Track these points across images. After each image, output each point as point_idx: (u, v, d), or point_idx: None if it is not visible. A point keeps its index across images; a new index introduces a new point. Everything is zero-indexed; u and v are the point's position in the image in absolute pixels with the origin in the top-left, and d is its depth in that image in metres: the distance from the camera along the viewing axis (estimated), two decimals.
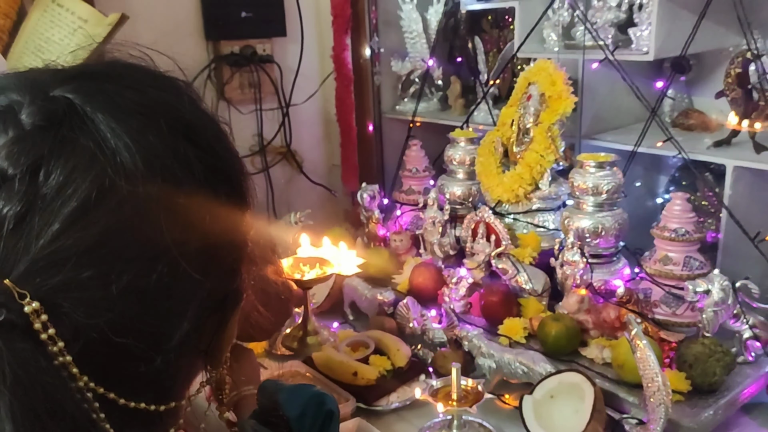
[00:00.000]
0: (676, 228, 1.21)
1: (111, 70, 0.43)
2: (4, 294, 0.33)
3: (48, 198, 0.35)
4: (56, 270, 0.34)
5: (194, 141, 0.41)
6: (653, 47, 1.38)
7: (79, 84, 0.39)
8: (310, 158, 2.13)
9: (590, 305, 1.22)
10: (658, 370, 0.97)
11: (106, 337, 0.36)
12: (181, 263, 0.39)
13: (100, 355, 0.37)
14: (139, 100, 0.40)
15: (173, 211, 0.39)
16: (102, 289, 0.36)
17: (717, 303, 1.10)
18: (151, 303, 0.38)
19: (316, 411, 0.56)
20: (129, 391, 0.39)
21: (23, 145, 0.35)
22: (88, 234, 0.35)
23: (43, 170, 0.35)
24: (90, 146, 0.36)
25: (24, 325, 0.33)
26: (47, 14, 1.28)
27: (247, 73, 1.93)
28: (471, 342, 1.24)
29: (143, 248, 0.37)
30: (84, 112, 0.37)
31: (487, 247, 1.38)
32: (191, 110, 0.43)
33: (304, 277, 1.04)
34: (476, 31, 1.91)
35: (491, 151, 1.50)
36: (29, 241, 0.34)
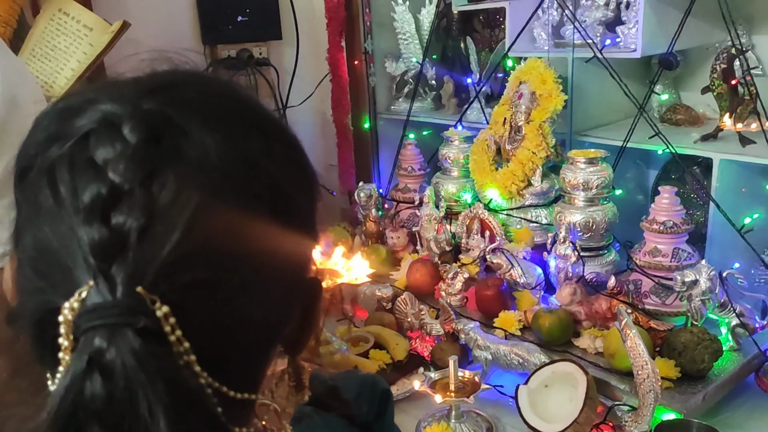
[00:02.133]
0: (664, 221, 1.25)
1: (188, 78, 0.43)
2: (140, 302, 0.34)
3: (165, 208, 0.36)
4: (179, 274, 0.36)
5: (281, 140, 0.43)
6: (640, 45, 1.42)
7: (168, 95, 0.39)
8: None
9: (582, 297, 1.26)
10: (647, 358, 1.01)
11: (229, 332, 0.39)
12: (281, 257, 0.41)
13: (220, 351, 0.38)
14: (226, 104, 0.41)
15: (274, 210, 0.40)
16: (220, 288, 0.38)
17: (704, 292, 1.14)
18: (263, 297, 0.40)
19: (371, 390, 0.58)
20: (237, 383, 0.40)
21: (135, 159, 0.36)
22: (205, 238, 0.37)
23: (156, 182, 0.36)
24: (194, 156, 0.37)
25: (156, 329, 0.35)
26: (53, 22, 1.31)
27: (243, 77, 1.96)
28: (467, 335, 1.27)
29: (250, 248, 0.39)
30: (181, 123, 0.38)
31: (482, 242, 1.42)
32: (264, 109, 0.44)
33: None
34: (468, 31, 1.95)
35: (484, 149, 1.53)
36: (154, 250, 0.35)
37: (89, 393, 0.33)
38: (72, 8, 1.30)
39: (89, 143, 0.37)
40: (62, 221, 0.36)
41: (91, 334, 0.34)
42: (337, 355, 1.10)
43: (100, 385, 0.33)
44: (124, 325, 0.34)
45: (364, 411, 0.56)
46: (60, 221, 0.36)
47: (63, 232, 0.36)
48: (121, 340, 0.34)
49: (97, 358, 0.33)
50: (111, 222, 0.35)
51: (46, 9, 1.34)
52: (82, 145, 0.37)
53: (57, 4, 1.32)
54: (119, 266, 0.35)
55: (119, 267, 0.35)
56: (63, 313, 0.35)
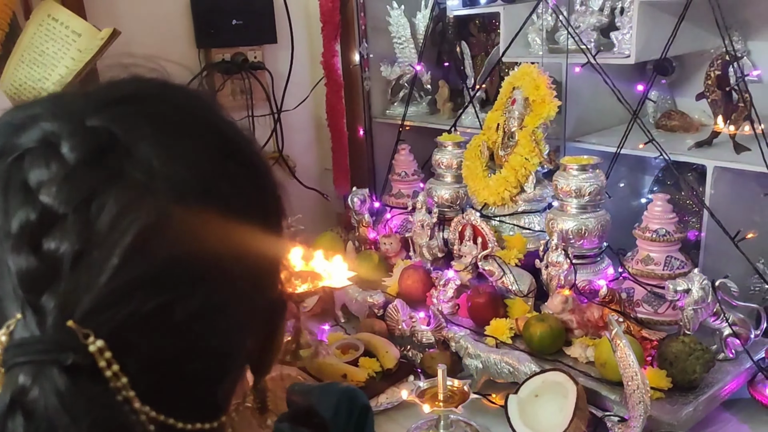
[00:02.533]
0: (657, 229, 1.24)
1: (145, 91, 0.41)
2: (71, 336, 0.33)
3: (103, 233, 0.34)
4: (120, 305, 0.34)
5: (238, 158, 0.41)
6: (634, 50, 1.40)
7: (116, 111, 0.37)
8: (303, 163, 2.15)
9: (574, 305, 1.24)
10: (637, 368, 0.99)
11: (176, 364, 0.37)
12: (239, 280, 0.39)
13: (166, 383, 0.37)
14: (180, 121, 0.39)
15: (229, 234, 0.38)
16: (168, 318, 0.35)
17: (697, 301, 1.12)
18: (216, 323, 0.38)
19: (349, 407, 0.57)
20: (188, 414, 0.38)
21: (72, 182, 0.34)
22: (148, 266, 0.35)
23: (94, 206, 0.34)
24: (138, 177, 0.35)
25: (89, 365, 0.33)
26: (42, 28, 1.30)
27: (238, 80, 1.95)
28: (458, 343, 1.26)
29: (203, 273, 0.37)
30: (127, 142, 0.36)
31: (474, 249, 1.41)
32: (227, 125, 0.42)
33: (295, 290, 1.06)
34: (464, 35, 1.94)
35: (477, 154, 1.52)
36: (90, 278, 0.33)
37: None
38: (61, 14, 1.30)
39: (24, 163, 0.35)
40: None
41: (15, 370, 0.32)
42: (319, 356, 1.09)
43: (21, 426, 0.31)
44: (49, 362, 0.32)
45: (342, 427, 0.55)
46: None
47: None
48: (45, 379, 0.32)
49: (19, 398, 0.32)
50: (42, 249, 0.33)
51: (36, 14, 1.33)
52: (17, 166, 0.35)
53: (46, 9, 1.32)
54: (49, 297, 0.33)
55: (49, 298, 0.33)
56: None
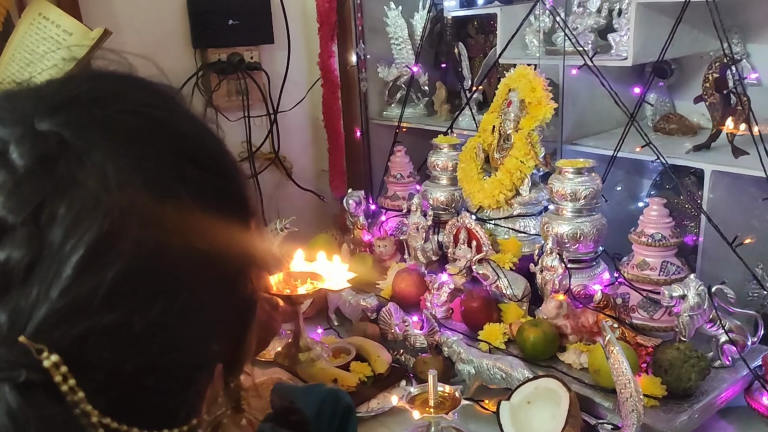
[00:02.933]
0: (653, 233, 1.22)
1: (100, 91, 0.39)
2: (22, 353, 0.32)
3: (55, 245, 0.33)
4: (75, 319, 0.33)
5: (198, 161, 0.40)
6: (631, 53, 1.39)
7: (68, 115, 0.36)
8: (299, 164, 2.14)
9: (569, 310, 1.23)
10: (630, 376, 0.98)
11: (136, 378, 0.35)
12: (202, 290, 0.38)
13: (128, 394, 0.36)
14: (136, 124, 0.38)
15: (189, 241, 0.37)
16: (125, 332, 0.34)
17: (693, 308, 1.11)
18: (178, 335, 0.37)
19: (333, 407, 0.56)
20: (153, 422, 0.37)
21: (20, 191, 0.33)
22: (103, 278, 0.33)
23: (44, 215, 0.33)
24: (91, 185, 0.34)
25: (43, 380, 0.32)
26: (33, 27, 1.29)
27: (234, 81, 1.94)
28: (451, 348, 1.25)
29: (162, 283, 0.36)
30: (79, 148, 0.35)
31: (469, 252, 1.39)
32: (189, 125, 0.41)
33: (294, 292, 1.03)
34: (462, 36, 1.92)
35: (472, 157, 1.51)
36: (41, 292, 0.32)
37: None
38: (52, 13, 1.28)
39: None
40: None
41: None
42: (318, 362, 1.07)
43: None
44: (1, 380, 0.31)
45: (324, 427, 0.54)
46: None
47: None
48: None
49: None
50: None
51: (27, 13, 1.32)
52: None
53: (38, 8, 1.31)
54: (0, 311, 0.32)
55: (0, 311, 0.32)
56: None
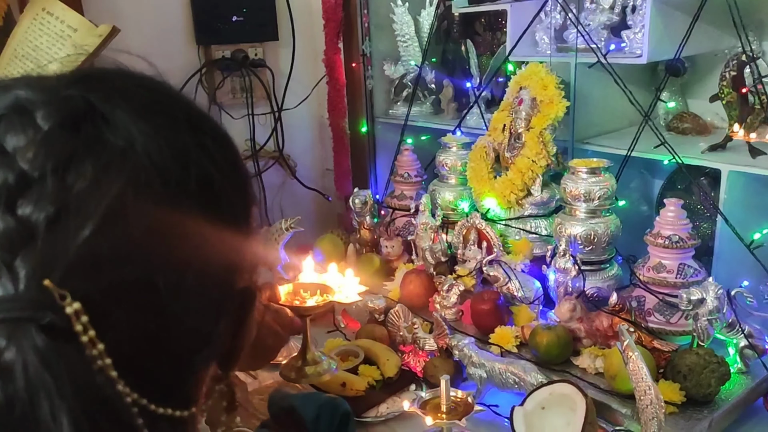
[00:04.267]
0: (669, 235, 1.19)
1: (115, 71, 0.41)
2: (46, 296, 0.32)
3: (80, 199, 0.33)
4: (95, 270, 0.33)
5: (213, 136, 0.41)
6: (647, 50, 1.36)
7: (92, 84, 0.37)
8: (303, 163, 2.11)
9: (582, 313, 1.20)
10: (650, 382, 0.95)
11: (149, 339, 0.36)
12: (212, 261, 0.38)
13: (141, 358, 0.36)
14: (156, 98, 0.39)
15: (206, 209, 0.38)
16: (146, 288, 0.35)
17: (711, 311, 1.08)
18: (190, 303, 0.37)
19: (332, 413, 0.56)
20: (160, 397, 0.37)
21: (48, 147, 0.34)
22: (126, 233, 0.34)
23: (72, 170, 0.34)
24: (120, 144, 0.35)
25: (66, 327, 0.32)
26: (36, 22, 1.26)
27: (238, 78, 1.92)
28: (462, 351, 1.22)
29: (179, 248, 0.36)
30: (105, 109, 0.36)
31: (479, 253, 1.36)
32: (199, 109, 0.43)
33: (303, 304, 1.00)
34: (469, 34, 1.89)
35: (482, 156, 1.48)
36: (65, 242, 0.33)
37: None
38: (56, 8, 1.25)
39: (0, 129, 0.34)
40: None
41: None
42: (325, 375, 1.04)
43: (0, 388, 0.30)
44: (26, 320, 0.31)
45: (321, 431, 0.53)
46: None
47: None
48: (23, 337, 0.31)
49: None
50: (17, 212, 0.33)
51: (30, 8, 1.29)
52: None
53: (41, 3, 1.28)
54: (25, 258, 0.32)
55: (24, 259, 0.32)
56: None
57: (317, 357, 1.05)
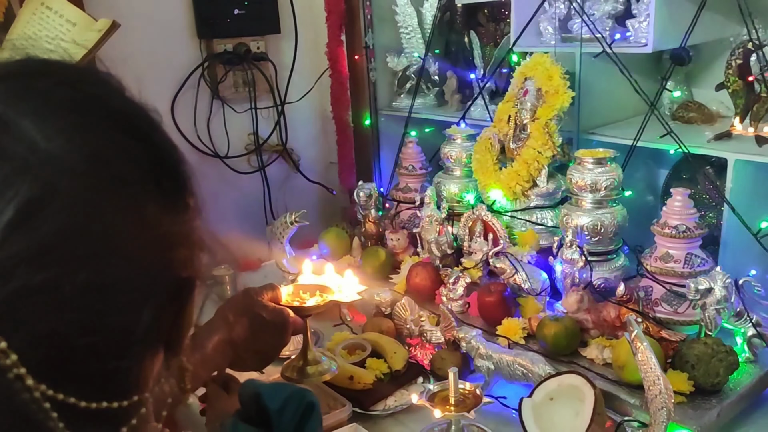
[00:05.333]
0: (676, 225, 1.18)
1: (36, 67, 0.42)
2: None
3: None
4: (4, 279, 0.34)
5: (131, 133, 0.41)
6: (652, 39, 1.35)
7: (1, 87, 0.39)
8: (307, 156, 2.11)
9: (590, 304, 1.20)
10: (659, 372, 0.95)
11: (69, 339, 0.36)
12: (134, 255, 0.39)
13: (60, 360, 0.36)
14: (69, 96, 0.40)
15: (121, 206, 0.38)
16: (57, 292, 0.35)
17: (719, 301, 1.08)
18: (110, 299, 0.38)
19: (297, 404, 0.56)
20: (90, 393, 0.38)
21: None
22: (33, 239, 0.35)
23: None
24: (20, 152, 0.36)
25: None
26: (36, 16, 1.25)
27: (241, 72, 1.91)
28: (469, 343, 1.22)
29: (95, 246, 0.37)
30: (7, 117, 0.37)
31: (485, 245, 1.36)
32: (122, 102, 0.43)
33: (303, 304, 1.01)
34: (472, 25, 1.88)
35: (488, 147, 1.48)
36: None
37: None
38: (54, 2, 1.25)
39: None
40: None
41: None
42: (326, 375, 1.05)
43: None
44: None
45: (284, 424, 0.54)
46: None
47: None
48: None
49: None
50: None
51: (29, 2, 1.28)
52: None
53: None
54: None
55: None
56: None
57: (318, 357, 1.06)
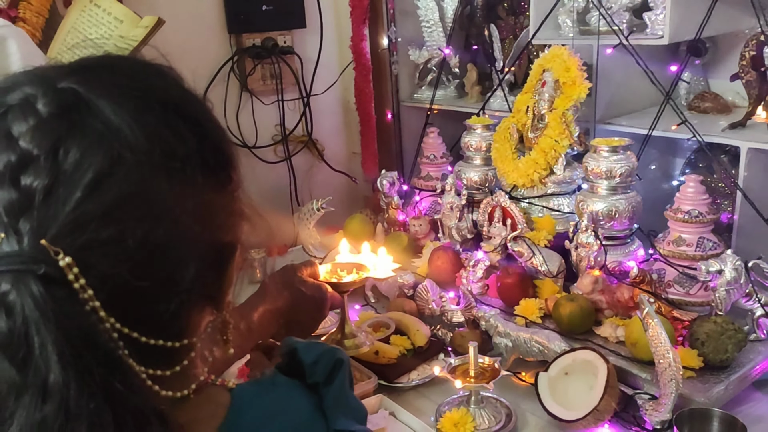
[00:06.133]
0: (689, 210, 1.23)
1: (106, 62, 0.50)
2: (42, 252, 0.40)
3: (68, 172, 0.42)
4: (81, 231, 0.41)
5: (183, 116, 0.48)
6: (668, 31, 1.39)
7: (81, 76, 0.46)
8: (331, 146, 2.18)
9: (604, 286, 1.25)
10: (669, 346, 1.00)
11: (129, 283, 0.43)
12: (182, 219, 0.46)
13: (124, 299, 0.44)
14: (133, 85, 0.47)
15: (172, 176, 0.46)
16: (120, 245, 0.43)
17: (729, 282, 1.12)
18: (161, 253, 0.45)
19: (328, 359, 0.62)
20: (148, 330, 0.46)
21: (43, 130, 0.42)
22: (104, 199, 0.42)
23: (62, 149, 0.42)
24: (98, 127, 0.43)
25: (60, 277, 0.40)
26: (85, 14, 1.34)
27: (268, 65, 1.98)
28: (488, 322, 1.28)
29: (150, 208, 0.44)
30: (89, 99, 0.44)
31: (504, 230, 1.42)
32: (177, 91, 0.51)
33: (341, 281, 1.07)
34: (492, 18, 1.93)
35: (507, 137, 1.53)
36: (57, 208, 0.41)
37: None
38: (103, 1, 1.33)
39: (8, 118, 0.43)
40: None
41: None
42: (363, 348, 1.11)
43: (3, 322, 0.40)
44: (26, 271, 0.40)
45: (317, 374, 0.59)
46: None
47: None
48: (23, 284, 0.40)
49: (2, 299, 0.40)
50: (20, 184, 0.41)
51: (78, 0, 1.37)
52: (2, 120, 0.43)
53: None
54: (26, 221, 0.41)
55: (25, 222, 0.41)
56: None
57: (355, 331, 1.12)
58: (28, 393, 0.39)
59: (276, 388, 0.57)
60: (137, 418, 0.43)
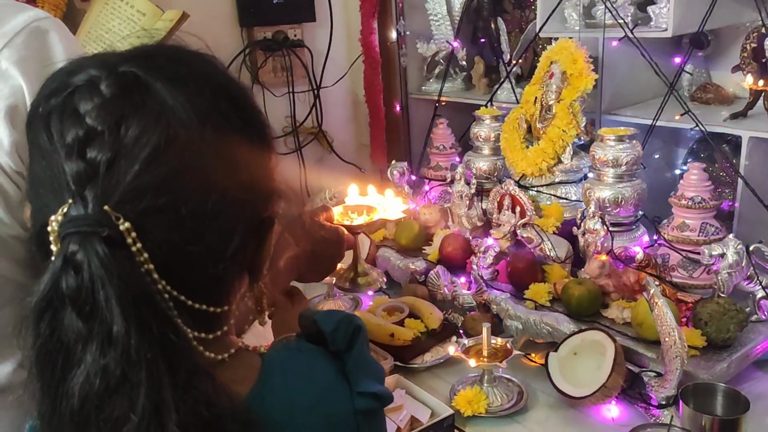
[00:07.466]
0: (692, 196, 1.28)
1: (162, 50, 0.55)
2: (105, 217, 0.45)
3: (129, 147, 0.46)
4: (140, 199, 0.46)
5: (230, 100, 0.53)
6: (672, 24, 1.43)
7: (140, 61, 0.50)
8: (340, 138, 2.22)
9: (611, 270, 1.30)
10: (674, 325, 1.05)
11: (179, 248, 0.48)
12: (228, 192, 0.51)
13: (175, 264, 0.49)
14: (187, 71, 0.52)
15: (220, 153, 0.51)
16: (173, 213, 0.48)
17: (731, 265, 1.17)
18: (209, 222, 0.50)
19: (347, 325, 0.64)
20: (194, 294, 0.51)
21: (107, 109, 0.47)
22: (160, 172, 0.47)
23: (123, 126, 0.46)
24: (155, 107, 0.48)
25: (120, 240, 0.45)
26: (108, 6, 1.38)
27: (279, 58, 2.02)
28: (499, 305, 1.33)
29: (201, 181, 0.49)
30: (147, 81, 0.49)
31: (513, 218, 1.47)
32: (225, 78, 0.56)
33: (353, 222, 1.11)
34: (499, 12, 1.98)
35: (515, 127, 1.57)
36: (119, 178, 0.46)
37: (64, 284, 0.45)
38: None
39: (75, 97, 0.48)
40: (53, 156, 0.48)
41: (67, 239, 0.45)
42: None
43: (72, 278, 0.45)
44: (92, 233, 0.45)
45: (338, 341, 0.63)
46: (52, 156, 0.48)
47: (54, 164, 0.48)
48: (89, 244, 0.45)
49: (71, 258, 0.45)
50: (86, 156, 0.46)
51: None
52: (70, 99, 0.48)
53: None
54: (91, 189, 0.46)
55: (91, 190, 0.46)
56: (51, 224, 0.46)
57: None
58: (93, 342, 0.44)
59: (302, 354, 0.61)
60: (188, 370, 0.48)
